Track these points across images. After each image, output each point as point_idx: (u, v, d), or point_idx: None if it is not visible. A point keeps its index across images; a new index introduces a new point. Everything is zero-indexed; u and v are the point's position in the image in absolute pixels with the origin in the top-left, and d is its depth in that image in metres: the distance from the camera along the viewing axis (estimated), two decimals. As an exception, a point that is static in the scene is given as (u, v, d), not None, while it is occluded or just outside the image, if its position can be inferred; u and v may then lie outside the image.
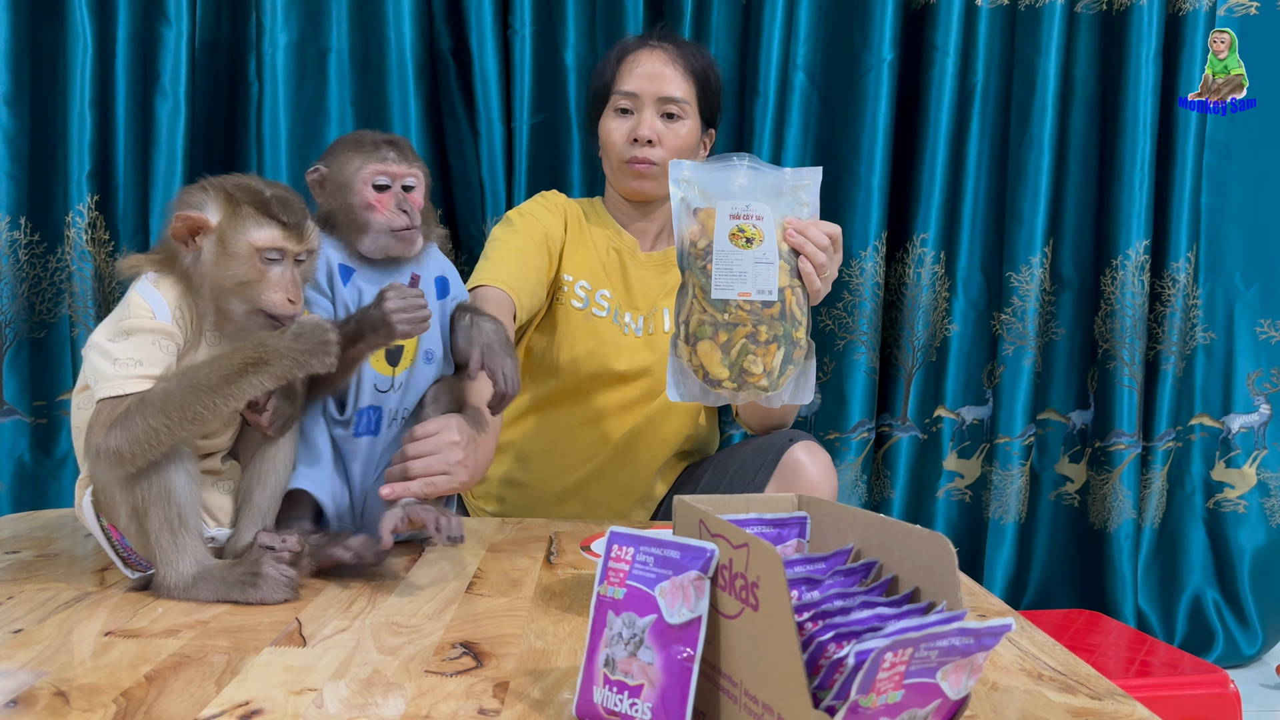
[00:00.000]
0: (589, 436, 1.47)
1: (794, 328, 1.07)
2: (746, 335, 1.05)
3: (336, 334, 0.91)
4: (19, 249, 1.72)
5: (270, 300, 0.93)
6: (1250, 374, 2.12)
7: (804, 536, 0.77)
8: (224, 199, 0.93)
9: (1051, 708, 0.73)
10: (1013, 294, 2.02)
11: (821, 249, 1.08)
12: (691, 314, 1.07)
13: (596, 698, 0.65)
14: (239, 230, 0.92)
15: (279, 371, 0.89)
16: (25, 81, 1.71)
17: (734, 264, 1.05)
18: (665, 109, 1.46)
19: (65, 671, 0.74)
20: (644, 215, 1.53)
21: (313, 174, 1.07)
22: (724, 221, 1.05)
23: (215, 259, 0.92)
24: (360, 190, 1.05)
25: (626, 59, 1.49)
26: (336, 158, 1.07)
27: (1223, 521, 2.13)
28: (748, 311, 1.05)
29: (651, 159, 1.45)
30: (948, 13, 1.96)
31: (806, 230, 1.08)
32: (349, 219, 1.06)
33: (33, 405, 1.76)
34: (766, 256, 1.05)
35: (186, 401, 0.87)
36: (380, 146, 1.06)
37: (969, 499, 2.11)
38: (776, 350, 1.06)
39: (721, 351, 1.06)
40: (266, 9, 1.79)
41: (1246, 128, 2.07)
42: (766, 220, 1.06)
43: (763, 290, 1.05)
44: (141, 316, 0.91)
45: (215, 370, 0.88)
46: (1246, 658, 2.09)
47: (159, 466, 0.89)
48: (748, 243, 1.05)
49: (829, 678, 0.57)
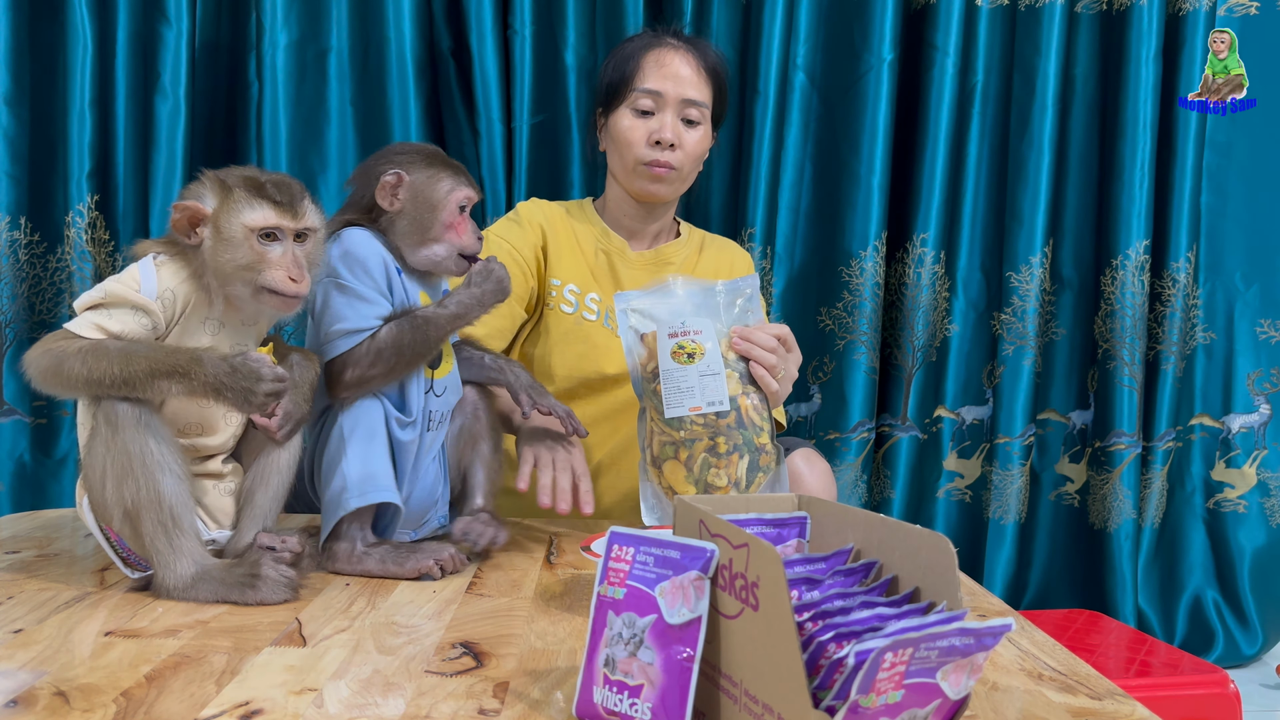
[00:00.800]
0: (582, 443, 1.46)
1: (755, 434, 1.10)
2: (706, 449, 1.08)
3: (271, 388, 0.91)
4: (19, 249, 1.72)
5: (271, 278, 0.94)
6: (1250, 374, 2.12)
7: (804, 536, 0.77)
8: (218, 186, 0.94)
9: (1051, 708, 0.73)
10: (1013, 294, 2.02)
11: (769, 350, 1.10)
12: (652, 437, 1.11)
13: (596, 698, 0.65)
14: (233, 213, 0.93)
15: (196, 390, 0.89)
16: (25, 81, 1.71)
17: (680, 381, 1.08)
18: (686, 113, 1.43)
19: (65, 671, 0.74)
20: (648, 216, 1.51)
21: (392, 178, 1.06)
22: (664, 342, 1.09)
23: (214, 245, 0.93)
24: (450, 210, 1.08)
25: (649, 55, 1.44)
26: (423, 170, 1.08)
27: (1223, 521, 2.13)
28: (702, 425, 1.08)
29: (671, 163, 1.42)
30: (948, 13, 1.96)
31: (751, 335, 1.11)
32: (421, 230, 1.08)
33: (33, 405, 1.76)
34: (711, 368, 1.08)
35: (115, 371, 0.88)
36: (460, 170, 1.10)
37: (969, 499, 2.11)
38: (739, 460, 1.09)
39: (685, 469, 1.09)
40: (266, 9, 1.79)
41: (1246, 128, 2.07)
42: (706, 333, 1.09)
43: (713, 401, 1.07)
44: (128, 285, 0.92)
45: (150, 359, 0.88)
46: (1246, 658, 2.09)
47: (146, 470, 0.89)
48: (689, 358, 1.08)
49: (829, 678, 0.57)
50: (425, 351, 1.04)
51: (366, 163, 1.11)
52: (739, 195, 1.97)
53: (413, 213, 1.07)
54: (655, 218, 1.52)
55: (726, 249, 1.58)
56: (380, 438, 1.04)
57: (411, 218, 1.07)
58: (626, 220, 1.52)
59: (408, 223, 1.07)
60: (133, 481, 0.89)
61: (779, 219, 1.98)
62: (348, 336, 1.02)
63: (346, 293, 1.03)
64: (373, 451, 1.03)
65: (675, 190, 1.47)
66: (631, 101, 1.43)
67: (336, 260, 1.04)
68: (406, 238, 1.08)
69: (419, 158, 1.09)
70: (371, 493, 1.01)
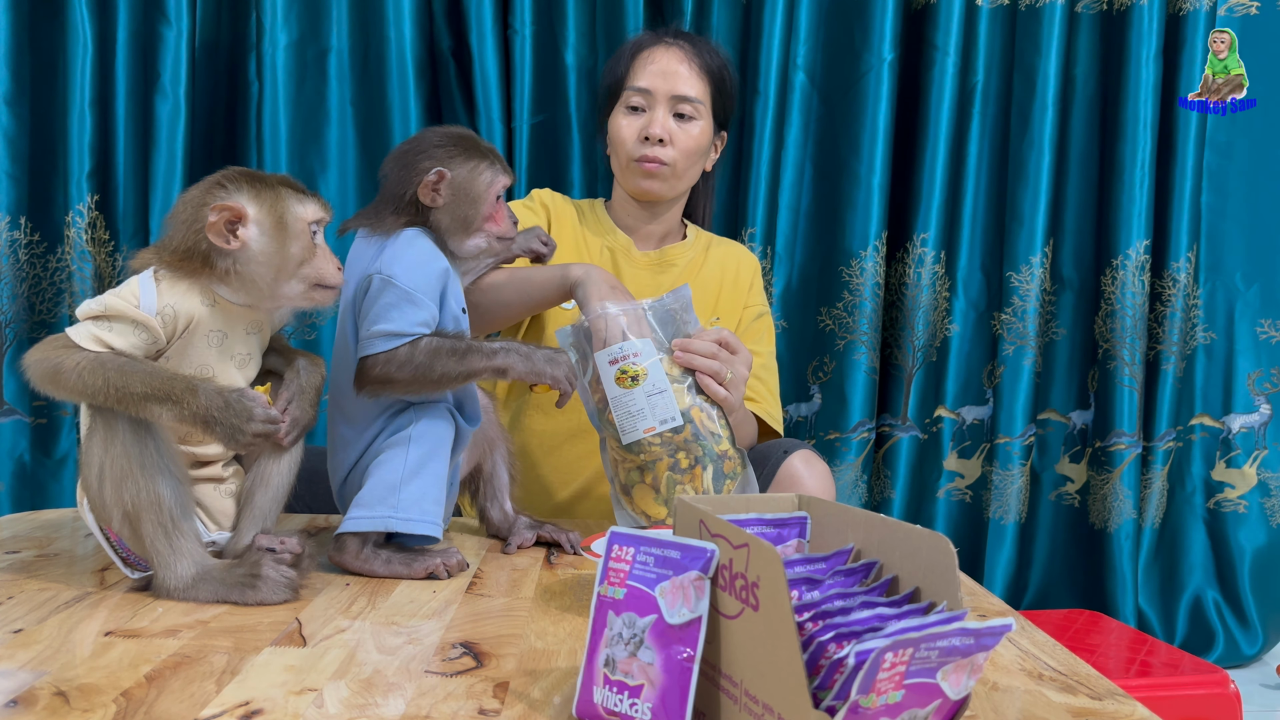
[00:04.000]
0: (577, 450, 1.44)
1: (715, 443, 1.10)
2: (669, 467, 1.09)
3: (260, 429, 0.90)
4: (19, 249, 1.72)
5: (325, 272, 0.95)
6: (1250, 374, 2.12)
7: (804, 536, 0.77)
8: (250, 184, 0.93)
9: (1052, 708, 0.73)
10: (1013, 294, 2.02)
11: (709, 356, 1.11)
12: (617, 466, 1.12)
13: (596, 698, 0.65)
14: (288, 209, 0.93)
15: (186, 418, 0.89)
16: (25, 81, 1.71)
17: (629, 405, 1.09)
18: (678, 108, 1.42)
19: (65, 671, 0.74)
20: (651, 216, 1.51)
21: (435, 175, 1.06)
22: (606, 369, 1.10)
23: (272, 242, 0.92)
24: (490, 201, 1.09)
25: (641, 54, 1.45)
26: (464, 165, 1.07)
27: (1223, 521, 2.13)
28: (660, 444, 1.09)
29: (662, 159, 1.41)
30: (948, 13, 1.96)
31: (690, 345, 1.11)
32: (464, 223, 1.08)
33: (33, 405, 1.76)
34: (656, 387, 1.09)
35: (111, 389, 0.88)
36: (496, 157, 1.11)
37: (969, 499, 2.11)
38: (703, 472, 1.10)
39: (653, 490, 1.10)
40: (266, 9, 1.79)
41: (1246, 128, 2.07)
42: (645, 353, 1.10)
43: (665, 420, 1.09)
44: (127, 300, 0.91)
45: (147, 381, 0.88)
46: (1247, 658, 2.09)
47: (145, 472, 0.89)
48: (633, 381, 1.09)
49: (829, 678, 0.57)
50: (455, 379, 1.03)
51: (404, 153, 1.09)
52: (739, 195, 1.97)
53: (454, 208, 1.07)
54: (657, 218, 1.51)
55: (733, 253, 1.57)
56: (442, 460, 1.04)
57: (453, 213, 1.07)
58: (630, 221, 1.52)
59: (449, 218, 1.07)
60: (132, 484, 0.89)
61: (779, 219, 1.98)
62: (389, 338, 1.01)
63: (398, 293, 1.02)
64: (430, 474, 1.03)
65: (671, 187, 1.46)
66: (624, 100, 1.44)
67: (392, 260, 1.03)
68: (450, 231, 1.08)
69: (457, 150, 1.08)
70: (419, 522, 1.01)
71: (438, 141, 1.09)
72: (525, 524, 1.18)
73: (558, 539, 1.16)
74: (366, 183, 1.89)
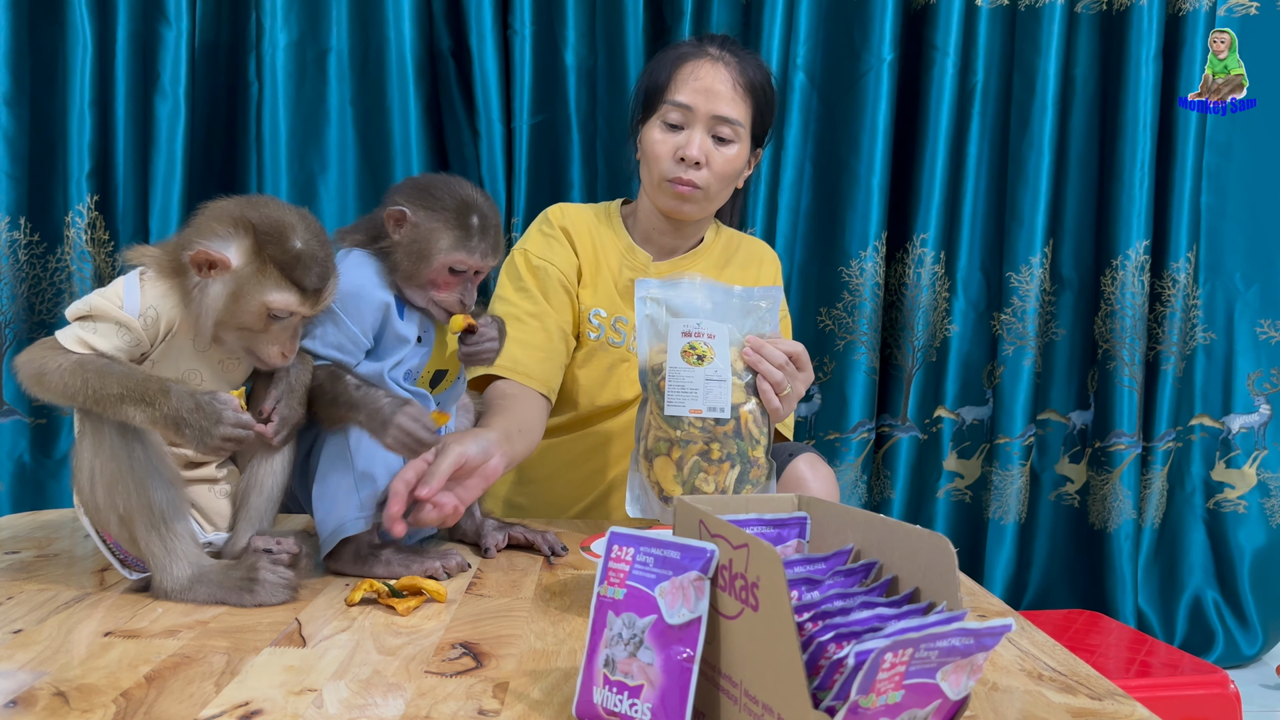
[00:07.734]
0: (592, 465, 1.43)
1: (750, 446, 1.09)
2: (699, 453, 1.07)
3: (229, 432, 0.90)
4: (19, 249, 1.72)
5: (267, 353, 0.94)
6: (1250, 374, 2.12)
7: (804, 537, 0.77)
8: (251, 245, 0.91)
9: (1051, 708, 0.73)
10: (1013, 294, 2.02)
11: (777, 366, 1.09)
12: (649, 430, 1.10)
13: (596, 698, 0.65)
14: (257, 288, 0.91)
15: (157, 421, 0.89)
16: (25, 81, 1.71)
17: (686, 381, 1.07)
18: (717, 130, 1.34)
19: (65, 672, 0.74)
20: (676, 233, 1.44)
21: (395, 212, 1.04)
22: (676, 339, 1.08)
23: (225, 300, 0.91)
24: (438, 268, 1.05)
25: (684, 66, 1.36)
26: (429, 217, 1.05)
27: (1223, 522, 2.13)
28: (699, 429, 1.07)
29: (696, 182, 1.34)
30: (948, 13, 1.96)
31: (763, 349, 1.09)
32: (412, 273, 1.06)
33: (32, 405, 1.76)
34: (718, 374, 1.07)
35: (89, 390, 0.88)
36: (473, 235, 1.05)
37: (969, 499, 2.11)
38: (730, 469, 1.08)
39: (676, 468, 1.08)
40: (266, 9, 1.79)
41: (1246, 128, 2.08)
42: (719, 339, 1.08)
43: (714, 408, 1.07)
44: (111, 300, 0.91)
45: (123, 383, 0.88)
46: (1246, 658, 2.09)
47: (135, 476, 0.89)
48: (699, 360, 1.07)
49: (829, 678, 0.57)
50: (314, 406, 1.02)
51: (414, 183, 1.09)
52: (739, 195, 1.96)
53: (408, 251, 1.05)
54: (684, 234, 1.45)
55: (755, 252, 1.52)
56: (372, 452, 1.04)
57: (406, 254, 1.05)
58: (655, 234, 1.45)
59: (402, 256, 1.06)
60: (123, 488, 0.89)
61: (779, 219, 1.97)
62: None
63: (332, 314, 1.02)
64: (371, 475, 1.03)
65: (702, 209, 1.39)
66: (662, 114, 1.36)
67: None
68: (398, 270, 1.06)
69: (440, 207, 1.05)
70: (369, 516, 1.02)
71: (439, 192, 1.07)
72: (493, 525, 1.17)
73: (530, 539, 1.15)
74: (366, 183, 1.89)
